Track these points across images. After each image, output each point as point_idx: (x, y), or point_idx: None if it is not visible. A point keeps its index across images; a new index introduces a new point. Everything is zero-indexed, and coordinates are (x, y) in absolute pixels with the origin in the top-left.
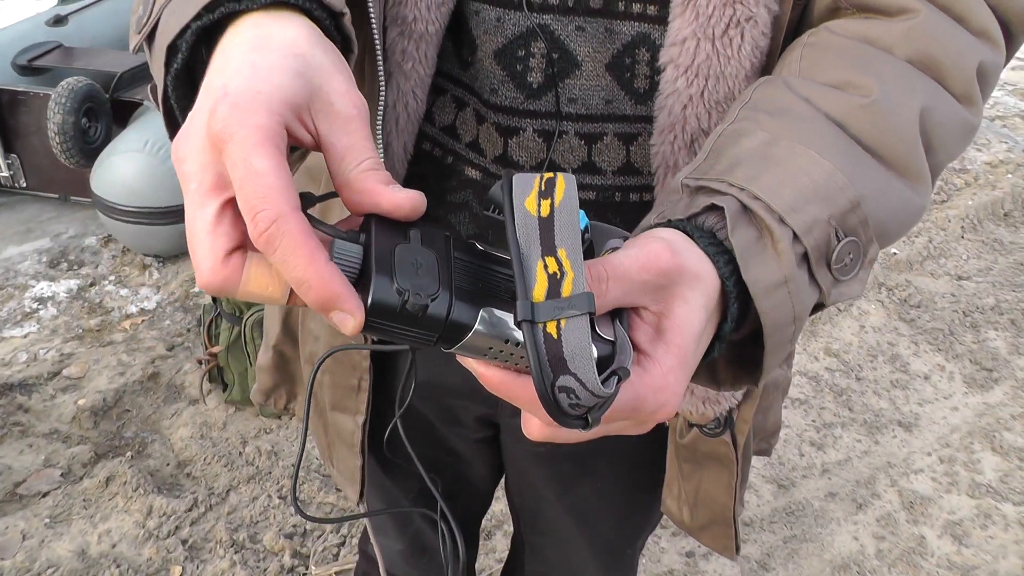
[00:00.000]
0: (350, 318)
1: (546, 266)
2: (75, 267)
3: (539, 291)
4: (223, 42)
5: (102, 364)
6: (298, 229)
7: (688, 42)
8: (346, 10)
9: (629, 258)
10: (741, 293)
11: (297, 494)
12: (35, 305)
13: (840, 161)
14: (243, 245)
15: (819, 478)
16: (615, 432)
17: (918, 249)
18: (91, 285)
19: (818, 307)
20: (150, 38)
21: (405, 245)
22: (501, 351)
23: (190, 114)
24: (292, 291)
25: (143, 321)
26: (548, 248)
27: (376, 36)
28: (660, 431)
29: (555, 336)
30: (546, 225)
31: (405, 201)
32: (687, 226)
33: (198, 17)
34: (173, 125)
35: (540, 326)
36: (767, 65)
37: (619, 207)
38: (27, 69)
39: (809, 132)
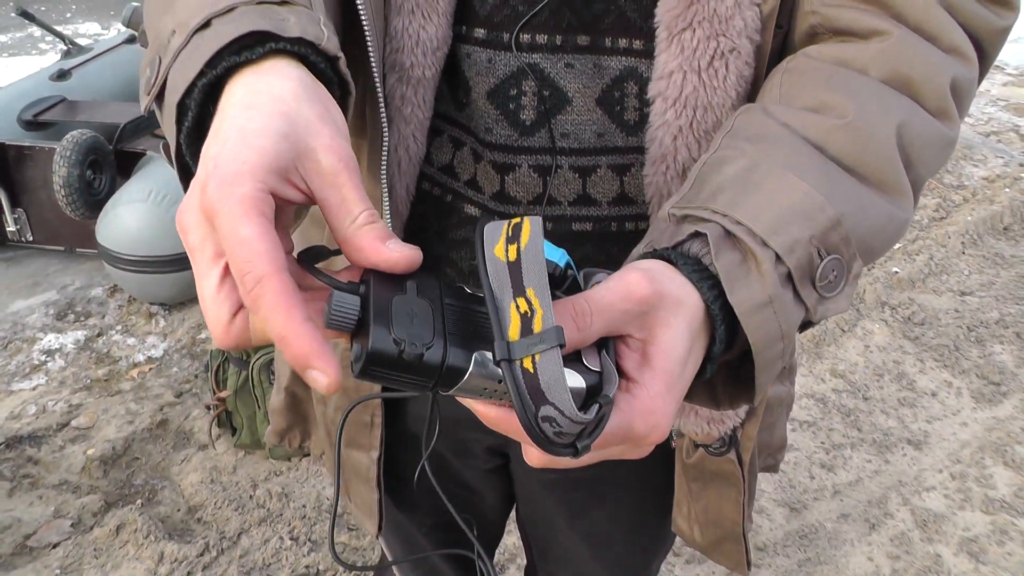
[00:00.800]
0: (323, 376)
1: (518, 307)
2: (82, 318)
3: (514, 330)
4: (223, 100)
5: (111, 413)
6: (279, 288)
7: (675, 75)
8: (340, 54)
9: (610, 290)
10: (728, 315)
11: (328, 539)
12: (43, 357)
13: (818, 181)
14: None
15: (831, 500)
16: (614, 456)
17: (920, 266)
18: (98, 335)
19: (806, 324)
20: (160, 98)
21: (402, 296)
22: (495, 390)
23: (192, 182)
24: None
25: (150, 369)
26: (518, 289)
27: (378, 83)
28: (668, 453)
29: (531, 370)
30: (515, 268)
31: (400, 260)
32: (672, 254)
33: (202, 74)
34: (188, 179)
35: (517, 363)
36: (752, 94)
37: (616, 237)
38: (32, 124)
39: (788, 156)
